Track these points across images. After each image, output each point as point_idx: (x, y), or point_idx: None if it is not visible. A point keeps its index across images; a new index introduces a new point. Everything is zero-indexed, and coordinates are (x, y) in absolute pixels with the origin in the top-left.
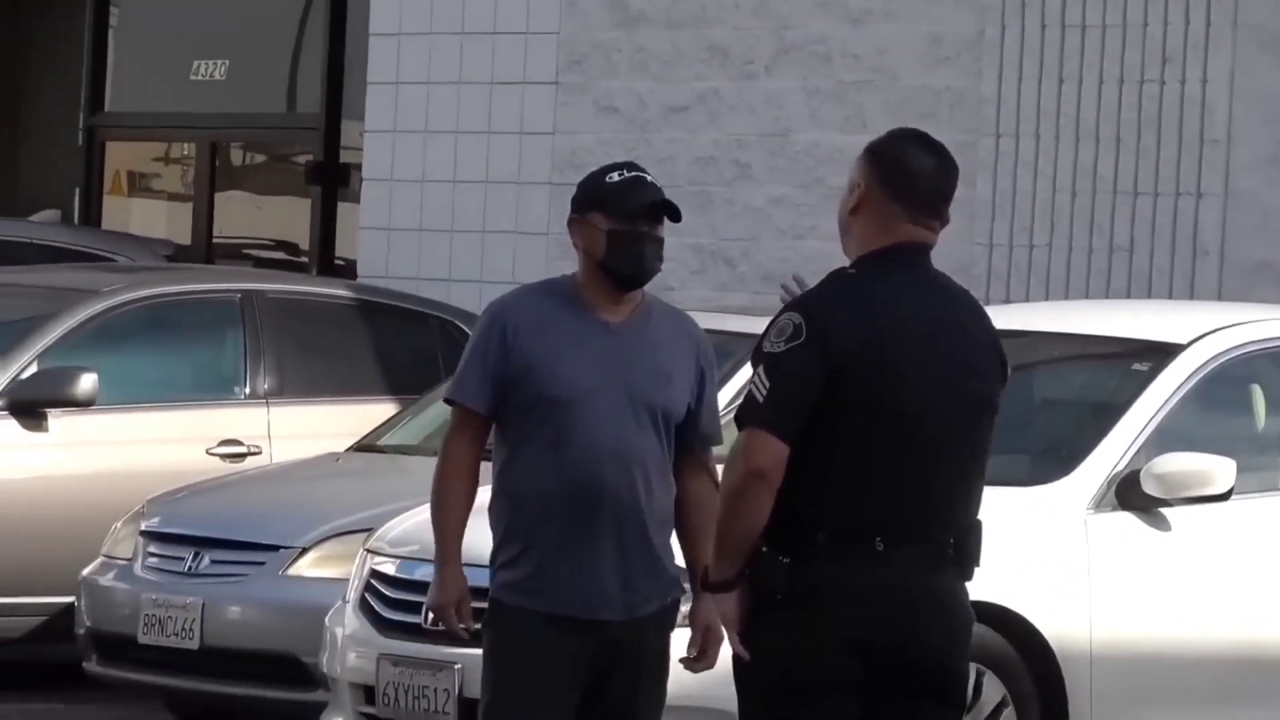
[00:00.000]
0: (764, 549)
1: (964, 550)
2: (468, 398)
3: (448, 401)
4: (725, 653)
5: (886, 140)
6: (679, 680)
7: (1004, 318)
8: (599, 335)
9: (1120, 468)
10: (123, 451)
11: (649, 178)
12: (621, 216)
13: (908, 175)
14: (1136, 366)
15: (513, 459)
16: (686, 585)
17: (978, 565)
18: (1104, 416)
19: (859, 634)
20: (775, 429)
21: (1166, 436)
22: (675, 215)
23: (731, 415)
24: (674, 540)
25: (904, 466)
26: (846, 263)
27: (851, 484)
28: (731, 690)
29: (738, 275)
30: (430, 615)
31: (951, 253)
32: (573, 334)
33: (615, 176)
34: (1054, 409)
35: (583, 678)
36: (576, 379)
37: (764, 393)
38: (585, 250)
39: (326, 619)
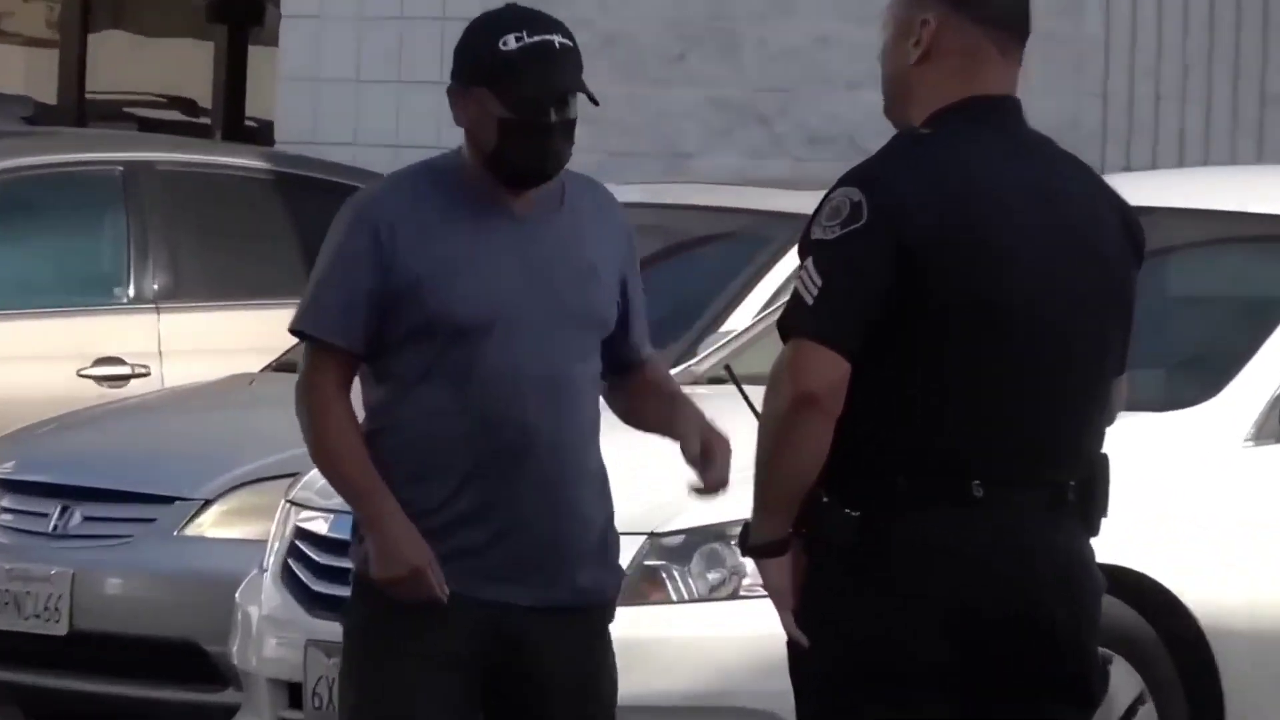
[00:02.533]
0: (824, 499)
1: (1089, 494)
2: (328, 331)
3: (296, 334)
4: (778, 637)
5: None
6: (703, 673)
7: (1125, 189)
8: (504, 230)
9: None
10: None
11: (558, 43)
12: (517, 103)
13: None
14: None
15: (399, 401)
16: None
17: (1105, 515)
18: (1263, 319)
19: (955, 605)
20: (832, 340)
21: None
22: (592, 100)
23: (773, 321)
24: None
25: (1007, 385)
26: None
27: (937, 410)
28: (783, 685)
29: (774, 136)
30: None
31: (1054, 107)
32: (472, 233)
33: (511, 42)
34: (1196, 309)
35: None
36: (484, 293)
37: (814, 293)
38: (471, 133)
39: (237, 594)
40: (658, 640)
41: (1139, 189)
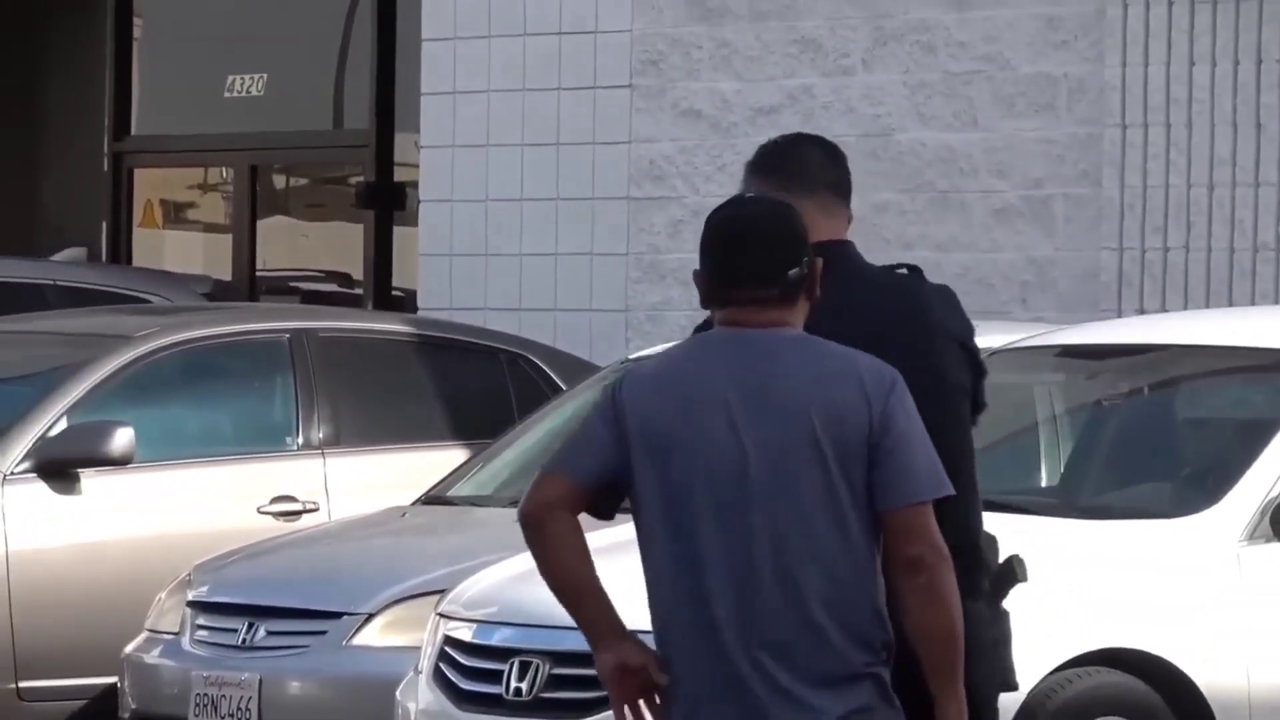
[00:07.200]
0: None
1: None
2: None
3: None
4: None
5: None
6: None
7: (1139, 330)
8: None
9: (1275, 493)
10: (164, 514)
11: None
12: None
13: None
14: None
15: None
16: None
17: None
18: (1255, 437)
19: None
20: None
21: None
22: None
23: None
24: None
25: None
26: (956, 270)
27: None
28: None
29: None
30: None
31: (1076, 259)
32: None
33: None
34: (1197, 430)
35: None
36: None
37: None
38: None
39: (397, 693)
40: None
41: (1150, 329)
